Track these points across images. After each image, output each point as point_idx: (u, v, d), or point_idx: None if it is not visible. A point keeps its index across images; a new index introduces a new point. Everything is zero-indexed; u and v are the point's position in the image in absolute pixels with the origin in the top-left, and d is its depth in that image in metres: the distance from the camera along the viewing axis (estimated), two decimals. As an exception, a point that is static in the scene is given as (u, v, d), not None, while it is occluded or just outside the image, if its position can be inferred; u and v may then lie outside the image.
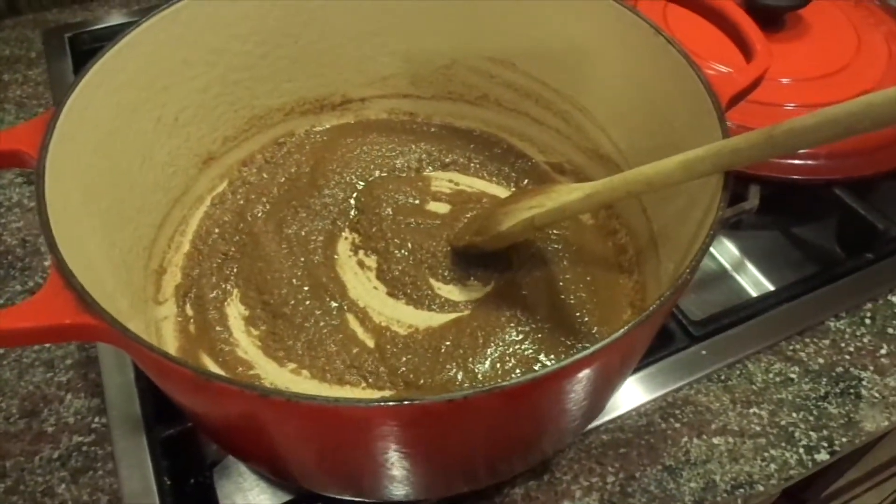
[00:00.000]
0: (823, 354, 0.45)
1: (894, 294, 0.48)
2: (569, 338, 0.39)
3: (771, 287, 0.50)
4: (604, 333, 0.39)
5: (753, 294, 0.50)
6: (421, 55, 0.49)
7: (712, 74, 0.35)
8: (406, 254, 0.43)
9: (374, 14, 0.47)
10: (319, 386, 0.38)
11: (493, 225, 0.40)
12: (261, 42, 0.45)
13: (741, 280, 0.51)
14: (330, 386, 0.38)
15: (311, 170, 0.49)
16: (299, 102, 0.50)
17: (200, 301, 0.41)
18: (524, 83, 0.48)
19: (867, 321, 0.47)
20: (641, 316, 0.25)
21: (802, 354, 0.45)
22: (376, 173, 0.49)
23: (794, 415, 0.42)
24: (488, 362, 0.38)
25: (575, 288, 0.41)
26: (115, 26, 0.68)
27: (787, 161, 0.51)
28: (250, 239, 0.44)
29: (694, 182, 0.32)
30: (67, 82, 0.56)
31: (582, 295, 0.41)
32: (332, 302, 0.41)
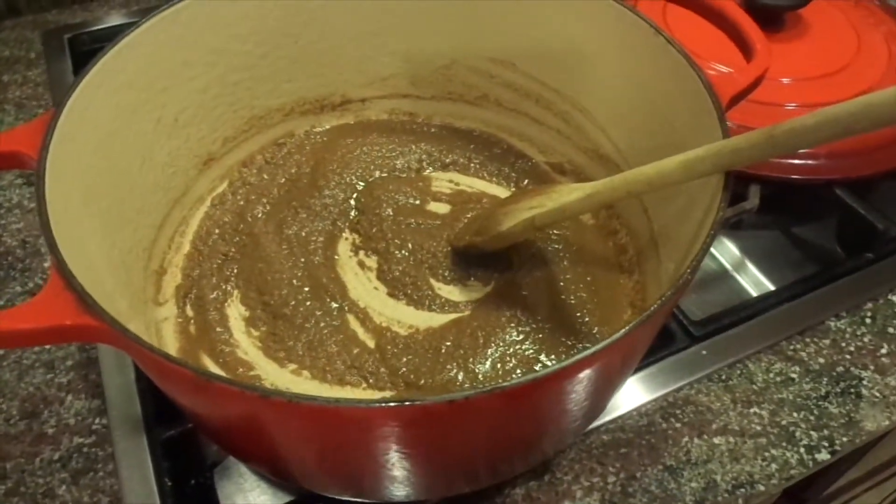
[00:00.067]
0: (824, 354, 0.45)
1: (895, 294, 0.48)
2: (569, 338, 0.39)
3: (771, 287, 0.50)
4: (604, 333, 0.39)
5: (754, 294, 0.50)
6: (421, 55, 0.49)
7: (712, 74, 0.35)
8: (406, 254, 0.43)
9: (374, 14, 0.47)
10: (320, 387, 0.38)
11: (494, 225, 0.40)
12: (261, 42, 0.45)
13: (742, 280, 0.51)
14: (330, 387, 0.38)
15: (312, 170, 0.49)
16: (299, 103, 0.50)
17: (201, 302, 0.41)
18: (524, 83, 0.48)
19: (868, 321, 0.47)
20: (642, 316, 0.25)
21: (803, 354, 0.45)
22: (376, 174, 0.49)
23: (795, 414, 0.42)
24: (489, 362, 0.38)
25: (575, 288, 0.41)
26: (115, 27, 0.68)
27: (788, 161, 0.51)
28: (250, 240, 0.44)
29: (694, 182, 0.32)
30: (67, 83, 0.56)
31: (582, 295, 0.41)
32: (333, 303, 0.41)
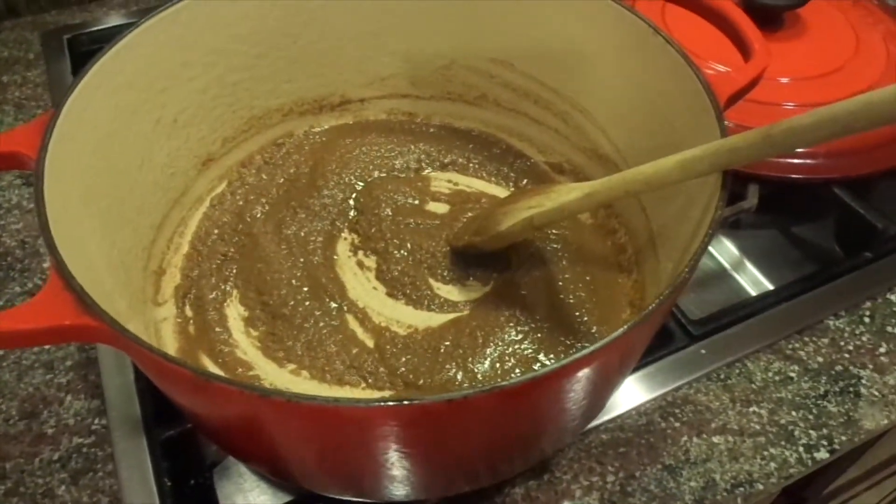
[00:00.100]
0: (823, 353, 0.45)
1: (893, 293, 0.48)
2: (568, 337, 0.39)
3: (770, 286, 0.50)
4: (603, 333, 0.40)
5: (753, 293, 0.50)
6: (420, 55, 0.49)
7: (711, 74, 0.35)
8: (405, 254, 0.43)
9: (374, 14, 0.47)
10: (319, 386, 0.38)
11: (493, 225, 0.40)
12: (260, 42, 0.45)
13: (740, 279, 0.51)
14: (329, 386, 0.38)
15: (311, 170, 0.49)
16: (298, 103, 0.50)
17: (200, 302, 0.41)
18: (523, 83, 0.48)
19: (866, 320, 0.47)
20: (640, 315, 0.25)
21: (802, 353, 0.45)
22: (375, 174, 0.49)
23: (794, 413, 0.42)
24: (488, 362, 0.38)
25: (574, 287, 0.41)
26: (114, 28, 0.68)
27: (786, 160, 0.51)
28: (249, 240, 0.44)
29: (692, 181, 0.32)
30: (66, 84, 0.55)
31: (581, 294, 0.41)
32: (332, 302, 0.41)
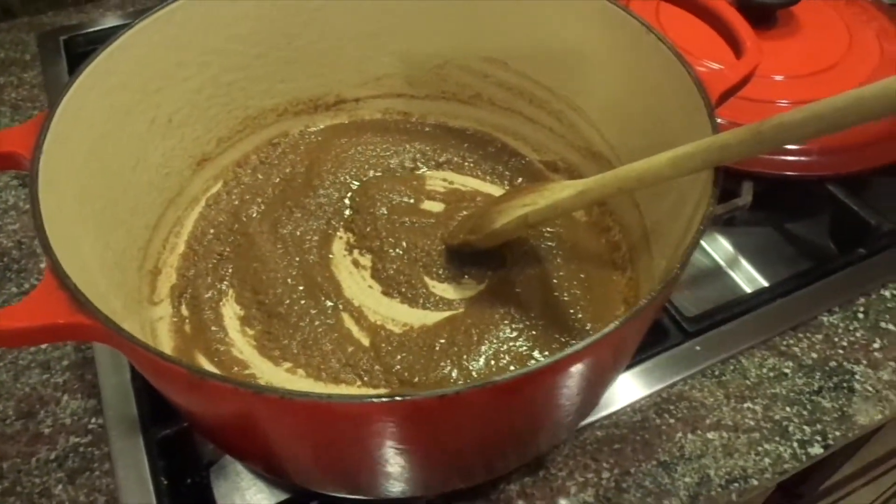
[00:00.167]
0: (817, 349, 0.45)
1: (887, 289, 0.48)
2: (563, 334, 0.39)
3: (765, 283, 0.50)
4: (598, 330, 0.39)
5: (747, 290, 0.50)
6: (415, 55, 0.50)
7: (703, 71, 0.35)
8: (401, 253, 0.43)
9: (369, 15, 0.47)
10: (315, 385, 0.38)
11: (487, 223, 0.40)
12: (255, 43, 0.45)
13: (735, 276, 0.51)
14: (325, 385, 0.38)
15: (306, 170, 0.49)
16: (293, 103, 0.50)
17: (196, 301, 0.41)
18: (517, 82, 0.49)
19: (860, 316, 0.47)
20: (631, 311, 0.25)
21: (796, 349, 0.45)
22: (371, 173, 0.49)
23: (788, 409, 0.42)
24: (482, 359, 0.38)
25: (569, 285, 0.42)
26: (111, 29, 0.68)
27: (780, 157, 0.51)
28: (245, 239, 0.44)
29: (685, 178, 0.32)
30: (62, 85, 0.56)
31: (576, 292, 0.41)
32: (328, 301, 0.41)
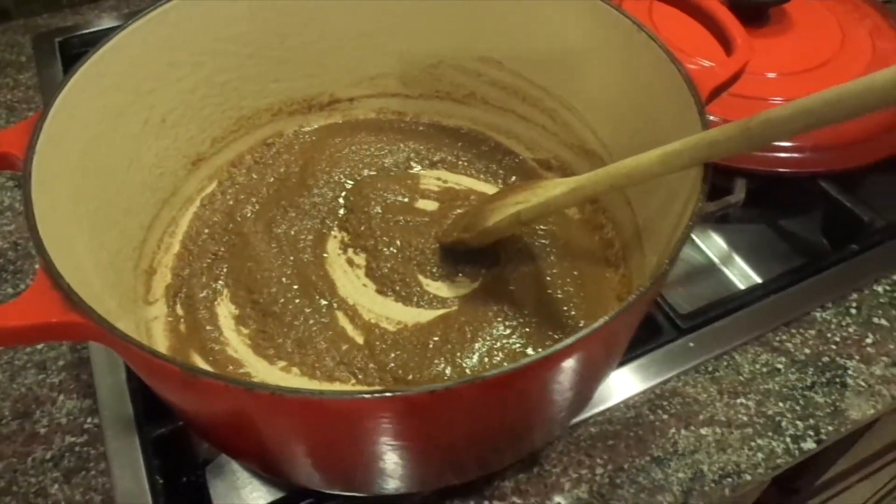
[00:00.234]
0: (810, 345, 0.45)
1: (879, 284, 0.49)
2: (556, 331, 0.39)
3: (758, 279, 0.50)
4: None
5: (741, 286, 0.50)
6: (409, 55, 0.50)
7: (694, 69, 0.36)
8: (395, 251, 0.44)
9: (363, 14, 0.47)
10: (309, 383, 0.38)
11: (480, 221, 0.40)
12: (248, 43, 0.45)
13: (729, 273, 0.51)
14: (320, 383, 0.38)
15: (300, 170, 0.49)
16: (287, 103, 0.50)
17: (190, 301, 0.41)
18: (511, 81, 0.49)
19: (853, 311, 0.47)
20: (620, 307, 0.25)
21: (789, 345, 0.45)
22: (365, 172, 0.49)
23: (781, 404, 0.42)
24: (476, 357, 0.38)
25: (562, 282, 0.42)
26: (106, 30, 0.68)
27: (773, 154, 0.52)
28: (240, 239, 0.44)
29: (675, 175, 0.32)
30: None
31: (569, 289, 0.42)
32: (322, 300, 0.41)
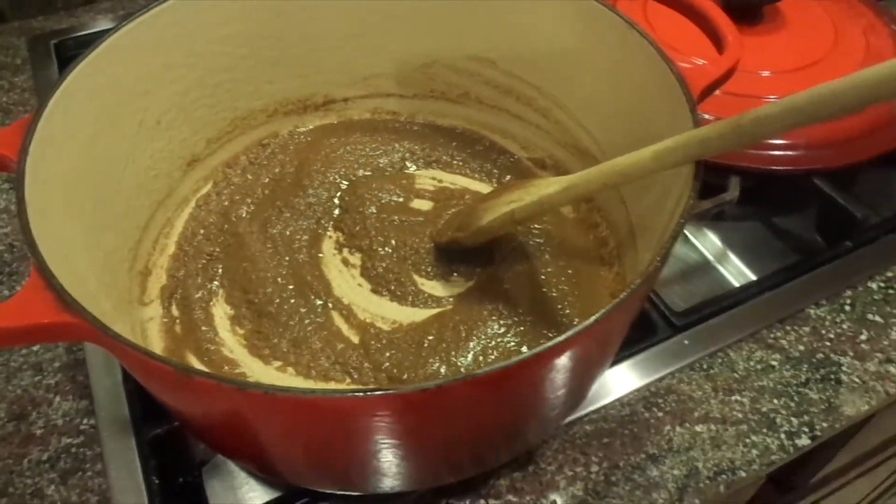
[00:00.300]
0: (804, 341, 0.45)
1: (873, 281, 0.49)
2: (551, 330, 0.39)
3: (752, 276, 0.50)
4: (585, 325, 0.40)
5: (735, 284, 0.50)
6: (403, 55, 0.50)
7: (686, 67, 0.36)
8: (390, 251, 0.44)
9: (356, 15, 0.47)
10: (304, 383, 0.38)
11: (474, 220, 0.40)
12: (242, 44, 0.45)
13: (723, 270, 0.51)
14: (315, 382, 0.38)
15: (296, 170, 0.49)
16: (282, 103, 0.50)
17: (186, 301, 0.42)
18: (504, 81, 0.49)
19: (847, 308, 0.47)
20: (611, 304, 0.25)
21: (783, 342, 0.45)
22: (360, 172, 0.49)
23: (776, 401, 0.42)
24: (471, 355, 0.38)
25: (556, 281, 0.42)
26: (101, 32, 0.66)
27: (767, 152, 0.52)
28: (235, 239, 0.45)
29: (668, 172, 0.33)
30: (52, 88, 0.56)
31: (564, 288, 0.42)
32: (317, 300, 0.42)
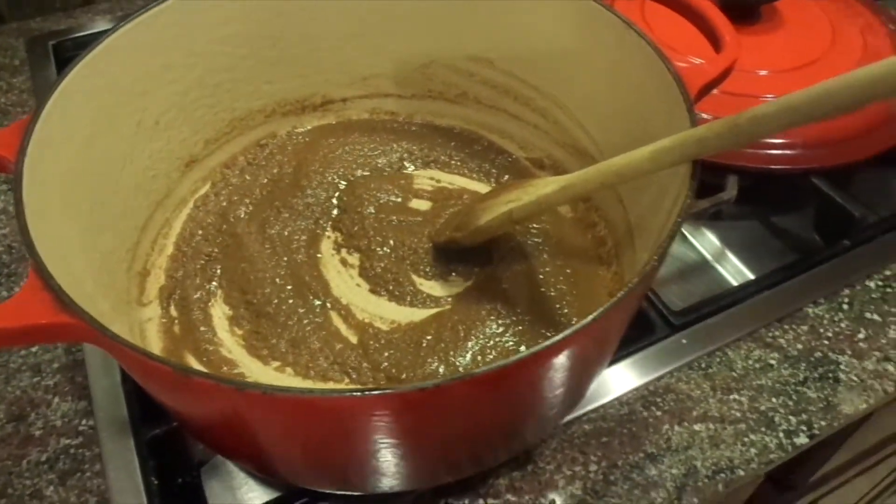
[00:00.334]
0: (802, 340, 0.46)
1: (871, 280, 0.49)
2: (549, 329, 0.39)
3: (751, 275, 0.50)
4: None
5: (734, 283, 0.50)
6: (401, 55, 0.50)
7: (683, 66, 0.36)
8: (388, 251, 0.44)
9: (355, 15, 0.47)
10: (303, 383, 0.38)
11: (473, 220, 0.40)
12: (240, 44, 0.45)
13: (721, 269, 0.51)
14: (314, 382, 0.38)
15: (294, 170, 0.49)
16: (280, 104, 0.50)
17: (184, 302, 0.42)
18: (502, 81, 0.49)
19: (845, 307, 0.47)
20: (608, 304, 0.25)
21: (782, 341, 0.46)
22: (358, 172, 0.49)
23: (774, 400, 0.42)
24: (469, 355, 0.38)
25: (555, 280, 0.42)
26: (99, 33, 0.67)
27: (765, 151, 0.52)
28: (233, 240, 0.45)
29: (665, 172, 0.33)
30: (50, 89, 0.56)
31: (562, 287, 0.42)
32: (316, 300, 0.42)
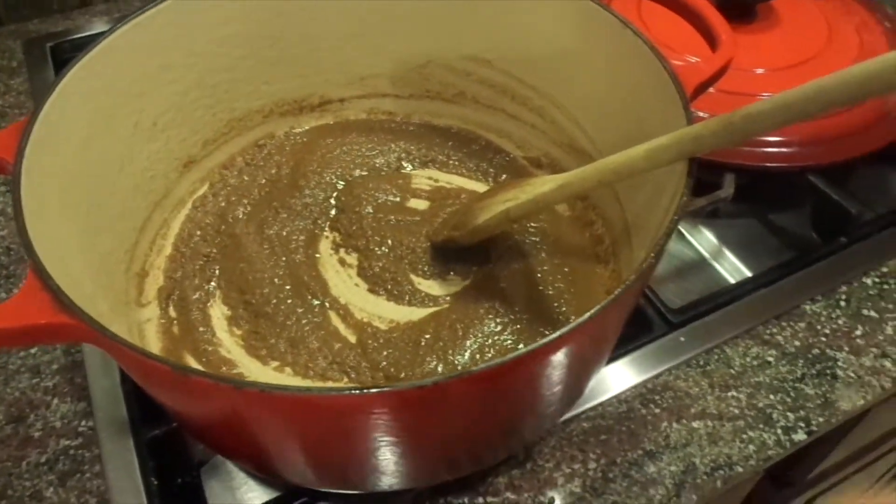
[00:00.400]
0: (800, 337, 0.46)
1: (868, 276, 0.49)
2: (547, 327, 0.40)
3: (748, 273, 0.51)
4: (581, 322, 0.40)
5: (731, 281, 0.50)
6: (399, 55, 0.50)
7: (679, 65, 0.36)
8: (386, 251, 0.44)
9: (353, 15, 0.48)
10: (302, 382, 0.38)
11: (470, 219, 0.41)
12: (239, 45, 0.45)
13: (719, 267, 0.52)
14: (313, 382, 0.38)
15: (292, 171, 0.49)
16: (278, 104, 0.50)
17: (183, 302, 0.42)
18: (500, 80, 0.49)
19: (842, 303, 0.47)
20: (605, 302, 0.25)
21: (779, 338, 0.46)
22: (356, 172, 0.49)
23: (772, 397, 0.43)
24: (468, 354, 0.38)
25: (552, 279, 0.42)
26: (96, 35, 0.67)
27: (762, 149, 0.52)
28: (232, 240, 0.45)
29: (662, 170, 0.33)
30: (48, 91, 0.56)
31: (560, 285, 0.42)
32: (314, 300, 0.42)
